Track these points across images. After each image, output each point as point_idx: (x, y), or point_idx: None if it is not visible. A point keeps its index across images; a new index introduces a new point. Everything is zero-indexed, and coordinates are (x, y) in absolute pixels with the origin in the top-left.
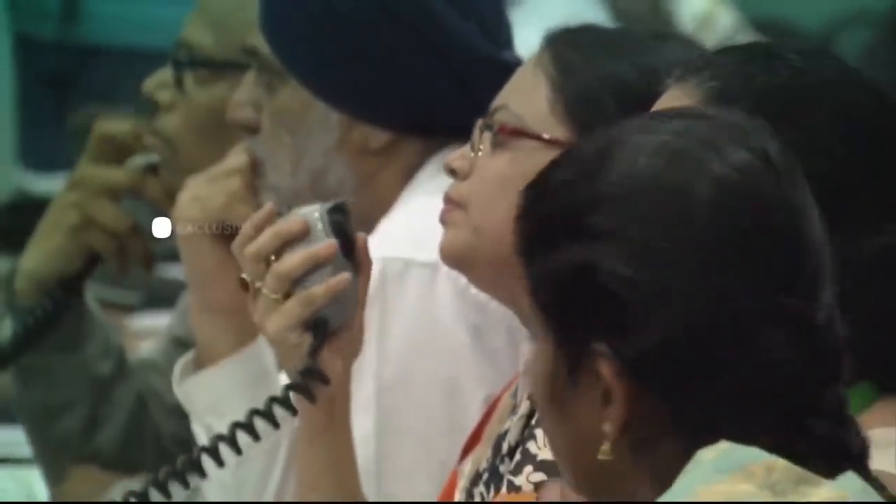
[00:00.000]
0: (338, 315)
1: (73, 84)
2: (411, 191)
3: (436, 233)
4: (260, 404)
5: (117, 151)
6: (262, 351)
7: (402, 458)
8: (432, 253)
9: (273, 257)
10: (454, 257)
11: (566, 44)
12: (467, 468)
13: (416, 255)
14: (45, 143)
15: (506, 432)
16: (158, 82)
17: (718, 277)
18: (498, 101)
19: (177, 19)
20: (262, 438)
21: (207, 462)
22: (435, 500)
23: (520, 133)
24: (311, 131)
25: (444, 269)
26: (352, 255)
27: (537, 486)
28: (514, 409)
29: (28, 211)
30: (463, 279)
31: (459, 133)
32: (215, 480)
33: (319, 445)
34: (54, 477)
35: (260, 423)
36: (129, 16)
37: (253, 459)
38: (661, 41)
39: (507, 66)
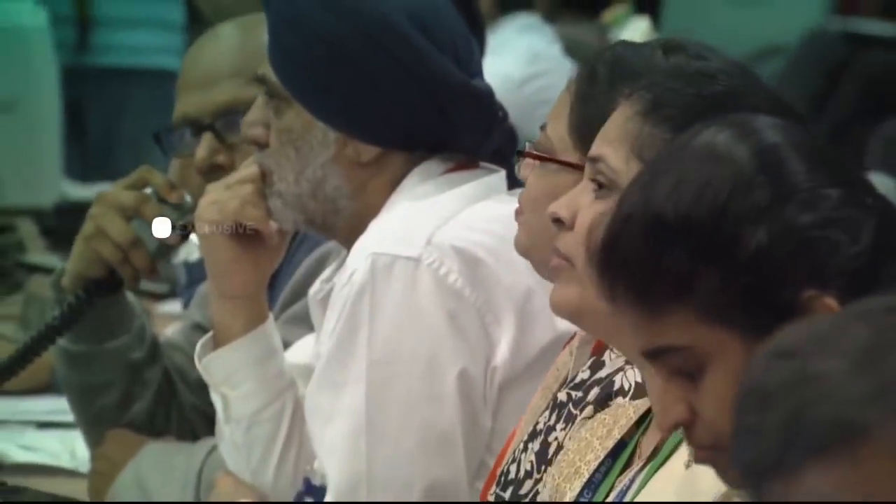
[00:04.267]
0: None
1: (87, 103)
2: (397, 197)
3: (417, 232)
4: (268, 378)
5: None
6: (270, 332)
7: (389, 422)
8: (415, 249)
9: None
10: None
11: (592, 70)
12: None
13: (402, 250)
14: (75, 155)
15: (563, 403)
16: (204, 155)
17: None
18: (547, 118)
19: (167, 44)
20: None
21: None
22: (418, 458)
23: (538, 157)
24: (311, 147)
25: (426, 262)
26: None
27: None
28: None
29: (74, 215)
30: (441, 271)
31: (437, 148)
32: (229, 441)
33: None
34: (93, 441)
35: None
36: (129, 42)
37: (262, 423)
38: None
39: (477, 92)
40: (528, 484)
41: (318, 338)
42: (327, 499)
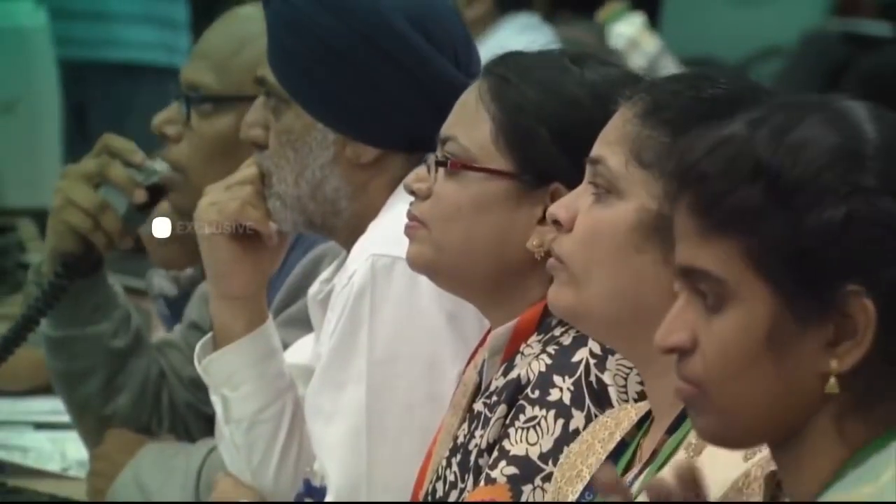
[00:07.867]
0: None
1: (91, 102)
2: (396, 198)
3: None
4: (269, 379)
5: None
6: (271, 333)
7: (389, 423)
8: None
9: None
10: (419, 268)
11: (504, 79)
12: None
13: (402, 252)
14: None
15: (480, 412)
16: (165, 119)
17: None
18: (447, 130)
19: (172, 42)
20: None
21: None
22: (418, 458)
23: (469, 167)
24: (311, 148)
25: None
26: None
27: (510, 478)
28: (480, 385)
29: None
30: None
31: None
32: (229, 441)
33: None
34: (87, 435)
35: (267, 397)
36: (134, 39)
37: (262, 423)
38: (583, 65)
39: None
40: (454, 494)
41: (318, 339)
42: (328, 498)
